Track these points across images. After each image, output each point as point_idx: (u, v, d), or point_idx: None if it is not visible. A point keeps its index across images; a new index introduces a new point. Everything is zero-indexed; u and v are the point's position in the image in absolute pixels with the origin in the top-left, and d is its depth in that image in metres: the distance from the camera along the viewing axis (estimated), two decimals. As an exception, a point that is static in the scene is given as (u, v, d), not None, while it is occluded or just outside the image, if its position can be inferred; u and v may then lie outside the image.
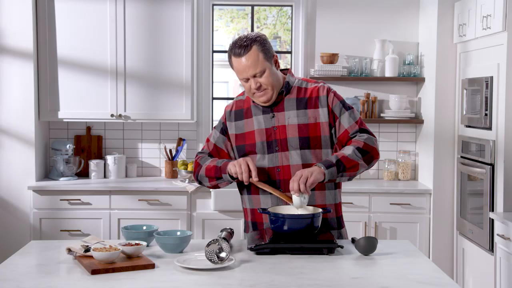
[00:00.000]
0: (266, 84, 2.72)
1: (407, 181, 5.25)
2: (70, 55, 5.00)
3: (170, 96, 5.05)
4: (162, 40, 5.02)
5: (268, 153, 2.80)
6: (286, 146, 2.78)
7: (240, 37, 2.74)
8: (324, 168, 2.64)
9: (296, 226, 2.58)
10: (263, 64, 2.70)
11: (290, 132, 2.78)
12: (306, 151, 2.78)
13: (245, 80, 2.74)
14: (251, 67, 2.69)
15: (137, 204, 4.85)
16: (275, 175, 2.80)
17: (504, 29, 3.96)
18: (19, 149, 4.94)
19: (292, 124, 2.78)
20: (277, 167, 2.79)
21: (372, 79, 5.22)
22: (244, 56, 2.69)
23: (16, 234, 4.90)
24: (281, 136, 2.79)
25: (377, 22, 5.33)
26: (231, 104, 2.94)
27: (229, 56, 2.75)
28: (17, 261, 2.51)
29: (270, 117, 2.81)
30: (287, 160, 2.78)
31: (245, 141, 2.84)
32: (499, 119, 4.06)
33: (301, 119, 2.78)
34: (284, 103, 2.80)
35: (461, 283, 4.70)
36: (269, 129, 2.80)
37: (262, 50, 2.70)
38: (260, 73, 2.70)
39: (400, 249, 2.73)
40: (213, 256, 2.41)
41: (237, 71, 2.74)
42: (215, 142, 2.93)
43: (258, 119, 2.82)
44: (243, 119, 2.86)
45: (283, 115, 2.79)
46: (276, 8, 5.55)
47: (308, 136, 2.77)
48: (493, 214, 4.01)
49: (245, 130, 2.84)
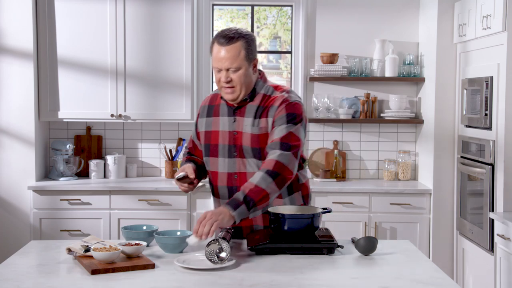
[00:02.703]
0: (236, 82, 2.68)
1: (407, 181, 5.25)
2: (70, 55, 5.00)
3: (170, 96, 5.05)
4: (162, 40, 5.02)
5: (228, 157, 2.77)
6: (243, 153, 2.75)
7: (230, 28, 2.72)
8: (232, 210, 2.51)
9: (296, 226, 2.58)
10: (241, 62, 2.66)
11: (245, 140, 2.74)
12: (259, 162, 2.74)
13: (218, 70, 2.70)
14: (229, 59, 2.65)
15: (137, 204, 4.84)
16: (232, 182, 2.78)
17: (504, 29, 3.96)
18: (19, 149, 4.94)
19: (247, 133, 2.74)
20: (234, 173, 2.77)
21: (372, 79, 5.22)
22: (226, 47, 2.65)
23: (16, 234, 4.90)
24: (239, 142, 2.75)
25: (377, 22, 5.32)
26: (208, 98, 2.93)
27: (213, 41, 2.71)
28: (17, 261, 2.51)
29: (232, 120, 2.77)
30: (244, 167, 2.76)
31: (210, 141, 2.82)
32: (499, 119, 4.06)
33: (255, 129, 2.73)
34: (246, 109, 2.76)
35: (461, 283, 4.70)
36: (230, 133, 2.77)
37: (245, 48, 2.67)
38: (235, 69, 2.67)
39: (400, 249, 2.74)
40: (213, 256, 2.41)
41: (214, 58, 2.69)
42: (193, 138, 2.96)
43: (223, 121, 2.79)
44: (212, 117, 2.83)
45: (242, 121, 2.75)
46: (276, 8, 5.55)
47: (259, 147, 2.73)
48: (493, 214, 4.01)
49: (212, 128, 2.82)
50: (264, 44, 5.68)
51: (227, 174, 2.78)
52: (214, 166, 2.82)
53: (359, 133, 5.39)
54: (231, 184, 2.78)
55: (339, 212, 4.83)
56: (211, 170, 2.84)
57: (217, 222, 2.46)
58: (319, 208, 2.71)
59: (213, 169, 2.83)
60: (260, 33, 5.64)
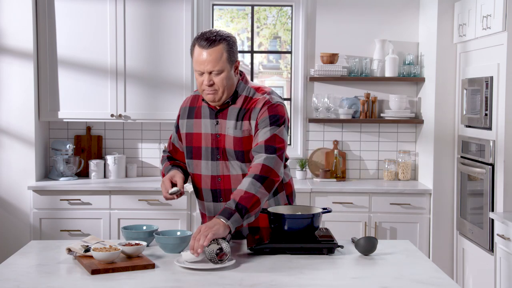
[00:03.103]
0: (219, 85, 2.65)
1: (407, 181, 5.25)
2: (70, 55, 5.00)
3: (170, 96, 5.05)
4: (162, 40, 5.02)
5: (211, 160, 2.76)
6: (226, 156, 2.73)
7: (211, 30, 2.68)
8: (226, 220, 2.48)
9: (296, 226, 2.58)
10: (223, 65, 2.63)
11: (228, 143, 2.72)
12: (242, 164, 2.73)
13: (200, 73, 2.66)
14: (211, 62, 2.62)
15: (137, 204, 4.84)
16: (216, 184, 2.77)
17: (504, 29, 3.96)
18: (19, 149, 4.94)
19: (229, 135, 2.72)
20: (218, 176, 2.76)
21: (372, 79, 5.22)
22: (208, 50, 2.62)
23: (16, 234, 4.90)
24: (222, 145, 2.73)
25: (377, 22, 5.32)
26: (188, 99, 2.89)
27: (193, 44, 2.67)
28: (17, 261, 2.51)
29: (214, 123, 2.75)
30: (228, 170, 2.74)
31: (192, 143, 2.79)
32: (499, 119, 4.06)
33: (237, 131, 2.71)
34: (228, 112, 2.73)
35: (461, 283, 4.70)
36: (213, 135, 2.75)
37: (227, 51, 2.64)
38: (217, 72, 2.63)
39: (400, 249, 2.73)
40: (213, 256, 2.41)
41: (195, 61, 2.65)
42: (173, 141, 2.93)
43: (205, 123, 2.77)
44: (193, 118, 2.80)
45: (224, 124, 2.73)
46: (276, 8, 5.55)
47: (242, 150, 2.71)
48: (493, 214, 4.01)
49: (193, 130, 2.80)
50: (264, 44, 5.68)
51: (211, 177, 2.76)
52: (197, 169, 2.80)
53: (359, 133, 5.39)
54: (214, 187, 2.77)
55: (339, 212, 4.83)
56: (194, 172, 2.82)
57: (212, 233, 2.43)
58: (319, 208, 2.71)
59: (196, 171, 2.81)
60: (260, 33, 5.64)
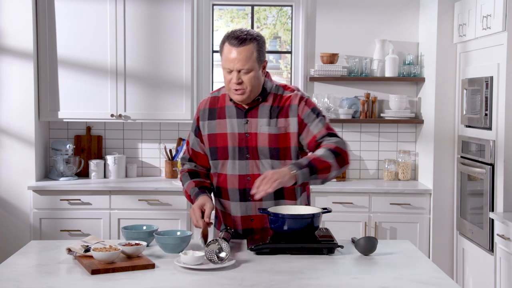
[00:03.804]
0: (247, 84, 2.66)
1: (407, 181, 5.25)
2: (70, 55, 5.00)
3: (170, 96, 5.05)
4: (162, 40, 5.02)
5: (239, 159, 2.75)
6: (257, 155, 2.73)
7: (241, 29, 2.69)
8: (296, 169, 2.52)
9: (296, 226, 2.58)
10: (253, 64, 2.64)
11: (261, 141, 2.72)
12: (276, 162, 2.73)
13: (229, 71, 2.67)
14: (241, 61, 2.63)
15: (137, 204, 4.84)
16: (245, 184, 2.75)
17: (504, 29, 3.96)
18: (19, 149, 4.94)
19: (263, 133, 2.72)
20: (247, 176, 2.75)
21: (372, 79, 5.22)
22: (238, 48, 2.63)
23: (16, 234, 4.90)
24: (253, 143, 2.73)
25: (377, 22, 5.32)
26: (205, 100, 2.87)
27: (223, 42, 2.68)
28: (17, 261, 2.51)
29: (243, 122, 2.75)
30: (258, 169, 2.74)
31: (216, 144, 2.77)
32: (499, 119, 4.06)
33: (272, 128, 2.71)
34: (258, 110, 2.74)
35: (461, 283, 4.70)
36: (242, 135, 2.74)
37: (257, 50, 2.66)
38: (246, 70, 2.64)
39: (400, 249, 2.74)
40: (213, 256, 2.41)
41: (225, 59, 2.66)
42: (192, 146, 2.89)
43: (232, 122, 2.76)
44: (216, 119, 2.79)
45: (256, 122, 2.73)
46: (276, 8, 5.55)
47: (278, 147, 2.72)
48: (493, 214, 4.01)
49: (217, 131, 2.78)
50: (264, 44, 5.67)
51: (239, 176, 2.75)
52: (223, 169, 2.78)
53: (359, 133, 5.39)
54: (243, 186, 2.75)
55: (339, 212, 4.83)
56: (220, 172, 2.79)
57: (278, 180, 2.46)
58: (319, 208, 2.71)
59: (222, 171, 2.79)
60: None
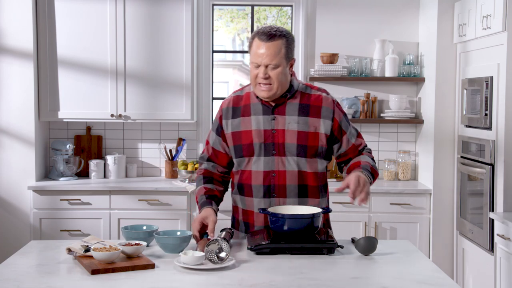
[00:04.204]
0: (274, 79, 2.69)
1: (407, 181, 5.25)
2: (70, 55, 5.00)
3: (170, 96, 5.05)
4: (162, 40, 5.02)
5: (265, 156, 2.76)
6: (283, 151, 2.74)
7: (272, 25, 2.74)
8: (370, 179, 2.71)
9: (296, 226, 2.58)
10: (281, 60, 2.68)
11: (289, 137, 2.74)
12: (302, 159, 2.75)
13: (256, 66, 2.70)
14: (269, 56, 2.67)
15: (137, 204, 4.85)
16: (270, 180, 2.76)
17: (504, 29, 3.96)
18: (19, 149, 4.94)
19: (291, 130, 2.74)
20: (272, 172, 2.76)
21: (372, 79, 5.22)
22: (268, 43, 2.67)
23: (16, 234, 4.90)
24: (280, 140, 2.75)
25: (377, 22, 5.32)
26: (228, 100, 2.89)
27: (253, 37, 2.73)
28: (17, 261, 2.51)
29: (270, 119, 2.76)
30: (283, 166, 2.75)
31: (241, 141, 2.79)
32: (499, 119, 4.06)
33: (302, 126, 2.74)
34: (286, 107, 2.76)
35: (461, 283, 4.70)
36: (268, 131, 2.76)
37: (286, 47, 2.70)
38: (274, 66, 2.68)
39: (400, 249, 2.73)
40: (213, 256, 2.41)
41: (254, 54, 2.70)
42: (213, 144, 2.90)
43: (258, 119, 2.77)
44: (240, 117, 2.81)
45: (283, 119, 2.75)
46: (276, 8, 5.55)
47: (306, 145, 2.74)
48: (493, 214, 4.01)
49: (241, 128, 2.79)
50: (264, 44, 5.68)
51: (264, 173, 2.76)
52: (248, 166, 2.80)
53: (359, 133, 5.38)
54: (268, 183, 2.77)
55: (339, 212, 4.83)
56: (244, 169, 2.81)
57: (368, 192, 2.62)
58: (319, 208, 2.71)
59: (246, 168, 2.80)
60: (260, 33, 5.64)
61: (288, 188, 2.76)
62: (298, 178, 2.76)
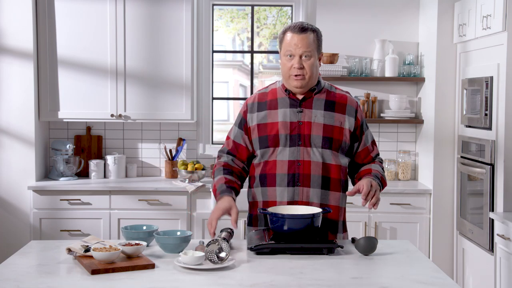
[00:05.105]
0: (308, 69, 2.80)
1: (407, 181, 5.25)
2: (70, 55, 5.01)
3: (170, 96, 5.05)
4: (162, 40, 5.02)
5: (290, 146, 2.84)
6: (309, 142, 2.83)
7: (302, 22, 2.87)
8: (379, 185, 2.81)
9: (296, 226, 2.58)
10: (313, 51, 2.82)
11: (315, 129, 2.83)
12: (327, 151, 2.84)
13: (290, 56, 2.81)
14: (304, 46, 2.78)
15: (137, 204, 4.85)
16: (295, 169, 2.83)
17: (504, 29, 3.96)
18: (19, 149, 4.94)
19: (318, 123, 2.84)
20: (297, 161, 2.83)
21: (372, 79, 5.22)
22: (301, 35, 2.79)
23: (16, 234, 4.90)
24: (306, 131, 2.84)
25: (377, 22, 5.32)
26: (254, 96, 2.99)
27: (284, 31, 2.85)
28: (17, 261, 2.51)
29: (297, 111, 2.86)
30: (309, 156, 2.83)
31: (267, 132, 2.87)
32: (499, 119, 4.06)
33: (328, 120, 2.84)
34: (313, 101, 2.87)
35: (461, 283, 4.70)
36: (294, 123, 2.85)
37: (317, 40, 2.83)
38: (309, 54, 2.79)
39: (400, 249, 2.74)
40: (213, 256, 2.41)
41: (287, 45, 2.81)
42: (234, 138, 2.97)
43: (284, 112, 2.87)
44: (266, 110, 2.90)
45: (310, 112, 2.86)
46: (276, 8, 5.55)
47: (331, 137, 2.83)
48: (493, 214, 4.01)
49: (268, 120, 2.88)
50: (264, 44, 5.68)
51: (288, 162, 2.83)
52: (273, 155, 2.86)
53: (359, 133, 5.38)
54: (292, 172, 2.83)
55: (339, 212, 4.83)
56: (269, 160, 2.87)
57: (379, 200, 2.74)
58: (319, 208, 2.71)
59: (271, 158, 2.87)
60: (260, 33, 5.64)
61: (312, 178, 2.82)
62: (322, 169, 2.84)
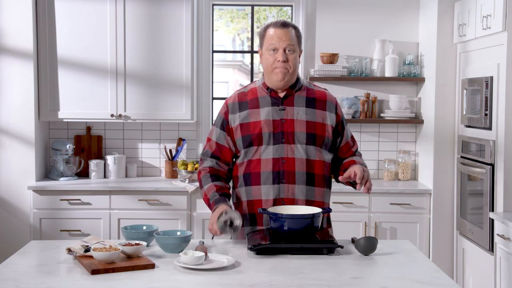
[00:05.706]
0: (291, 63, 2.83)
1: (407, 181, 5.25)
2: (70, 55, 5.01)
3: (170, 96, 5.05)
4: (162, 40, 5.02)
5: (274, 144, 2.84)
6: (292, 139, 2.84)
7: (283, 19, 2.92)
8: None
9: (296, 226, 2.59)
10: (296, 45, 2.85)
11: (298, 126, 2.85)
12: (311, 147, 2.85)
13: (274, 50, 2.83)
14: (288, 39, 2.82)
15: (137, 204, 4.85)
16: (280, 166, 2.83)
17: (504, 29, 3.96)
18: (19, 149, 4.94)
19: (300, 120, 2.85)
20: (282, 158, 2.84)
21: (372, 79, 5.22)
22: (283, 29, 2.83)
23: (16, 234, 4.90)
24: (289, 129, 2.85)
25: (377, 22, 5.32)
26: (233, 96, 2.98)
27: (266, 27, 2.88)
28: (17, 261, 2.51)
29: (279, 109, 2.87)
30: (292, 153, 2.84)
31: (250, 131, 2.86)
32: (499, 119, 4.06)
33: (310, 116, 2.86)
34: (294, 99, 2.89)
35: (461, 283, 4.70)
36: (277, 121, 2.85)
37: (298, 36, 2.87)
38: (292, 48, 2.82)
39: (400, 249, 2.74)
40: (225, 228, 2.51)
41: (270, 39, 2.83)
42: (217, 139, 2.94)
43: (267, 110, 2.87)
44: (248, 109, 2.90)
45: (292, 110, 2.87)
46: (276, 8, 5.55)
47: (315, 133, 2.85)
48: (493, 214, 4.01)
49: (250, 119, 2.87)
50: (264, 44, 5.68)
51: (273, 160, 2.84)
52: (257, 154, 2.86)
53: (359, 133, 5.39)
54: (277, 169, 2.84)
55: (339, 212, 4.83)
56: (252, 158, 2.87)
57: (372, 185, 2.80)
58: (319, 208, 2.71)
59: (255, 157, 2.87)
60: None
61: (297, 175, 2.83)
62: (306, 165, 2.84)
